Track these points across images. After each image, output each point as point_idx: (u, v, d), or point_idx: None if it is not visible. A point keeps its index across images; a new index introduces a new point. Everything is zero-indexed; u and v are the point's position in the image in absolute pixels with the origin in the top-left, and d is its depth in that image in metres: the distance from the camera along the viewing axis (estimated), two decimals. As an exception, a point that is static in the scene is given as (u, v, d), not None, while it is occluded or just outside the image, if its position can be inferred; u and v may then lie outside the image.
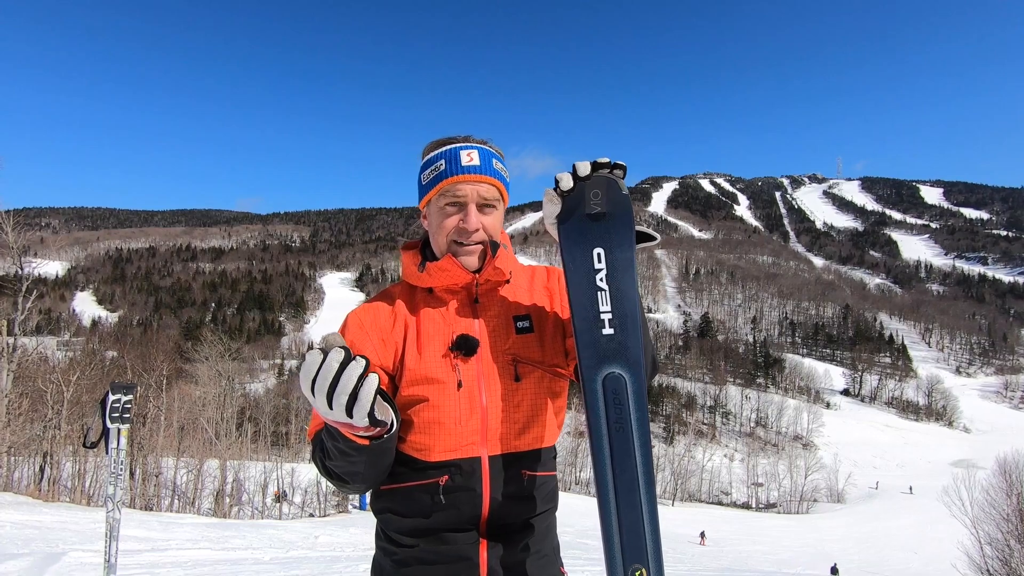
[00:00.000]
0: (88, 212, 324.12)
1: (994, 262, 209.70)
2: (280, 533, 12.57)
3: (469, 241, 1.27)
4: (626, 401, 1.12)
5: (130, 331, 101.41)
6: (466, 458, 1.21)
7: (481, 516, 1.21)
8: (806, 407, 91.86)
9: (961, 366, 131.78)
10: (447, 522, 1.20)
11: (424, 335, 1.27)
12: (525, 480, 1.24)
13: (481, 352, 1.25)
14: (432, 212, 1.30)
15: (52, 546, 7.20)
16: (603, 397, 1.13)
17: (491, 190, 1.28)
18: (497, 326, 1.30)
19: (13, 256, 15.50)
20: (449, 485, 1.20)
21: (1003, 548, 16.49)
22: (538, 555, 1.26)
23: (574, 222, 1.18)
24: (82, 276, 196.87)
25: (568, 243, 1.18)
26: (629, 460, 1.11)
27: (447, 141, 1.30)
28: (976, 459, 65.07)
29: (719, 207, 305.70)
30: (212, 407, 26.81)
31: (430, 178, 1.29)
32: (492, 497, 1.21)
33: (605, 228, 1.17)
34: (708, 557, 19.63)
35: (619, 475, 1.10)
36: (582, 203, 1.18)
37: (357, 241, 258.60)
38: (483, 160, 1.27)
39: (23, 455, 16.25)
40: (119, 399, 3.91)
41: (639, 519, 1.09)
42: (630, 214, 1.18)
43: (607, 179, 1.18)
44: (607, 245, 1.16)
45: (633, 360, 1.14)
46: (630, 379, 1.13)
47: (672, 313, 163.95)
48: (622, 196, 1.18)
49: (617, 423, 1.12)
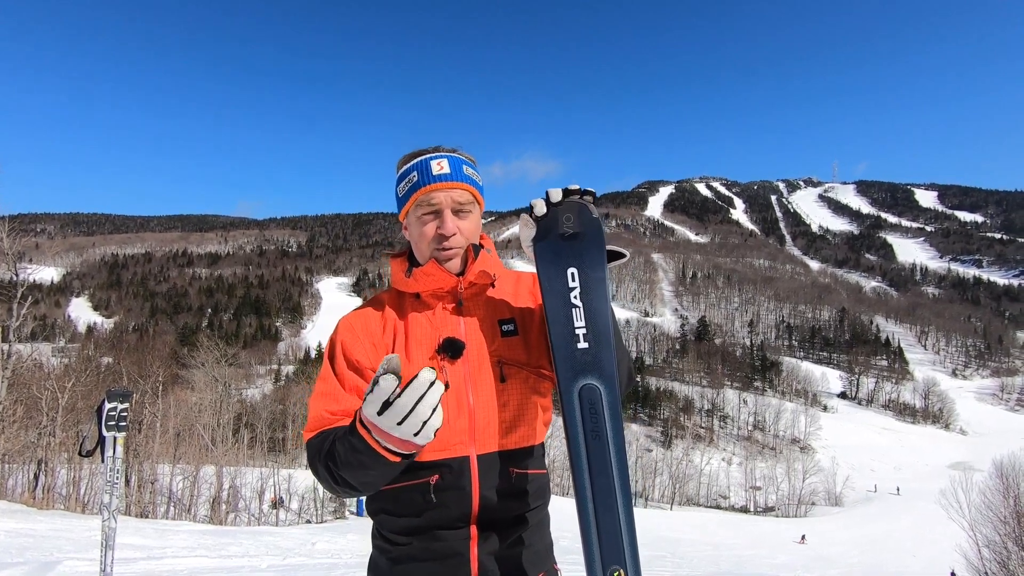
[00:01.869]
0: (84, 218, 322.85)
1: (989, 265, 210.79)
2: (277, 540, 12.51)
3: (448, 246, 1.32)
4: (601, 411, 1.19)
5: (126, 337, 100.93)
6: (455, 457, 1.25)
7: (472, 513, 1.25)
8: (803, 410, 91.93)
9: (957, 369, 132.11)
10: (439, 520, 1.24)
11: (412, 339, 1.32)
12: (514, 477, 1.28)
13: (467, 354, 1.29)
14: (411, 222, 1.36)
15: (47, 555, 7.14)
16: (580, 407, 1.20)
17: (464, 194, 1.33)
18: (483, 328, 1.34)
19: (8, 262, 15.42)
20: (439, 484, 1.24)
21: (1001, 550, 16.49)
22: (530, 549, 1.30)
23: (549, 244, 1.25)
24: (77, 282, 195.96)
25: (544, 263, 1.25)
26: (605, 466, 1.17)
27: (418, 153, 1.36)
28: (973, 461, 65.24)
29: (715, 211, 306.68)
30: (208, 413, 26.69)
31: (405, 190, 1.35)
32: (482, 495, 1.25)
33: (578, 249, 1.24)
34: (706, 561, 19.58)
35: (596, 480, 1.17)
36: (556, 226, 1.25)
37: (354, 246, 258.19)
38: (453, 167, 1.33)
39: (18, 462, 16.10)
40: (115, 406, 3.88)
41: (616, 522, 1.15)
42: (601, 236, 1.24)
43: (578, 204, 1.25)
44: (580, 265, 1.23)
45: (607, 373, 1.21)
46: (605, 390, 1.20)
47: (669, 317, 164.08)
48: (593, 219, 1.25)
49: (594, 431, 1.19)
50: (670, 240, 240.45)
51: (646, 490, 66.05)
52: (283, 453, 51.66)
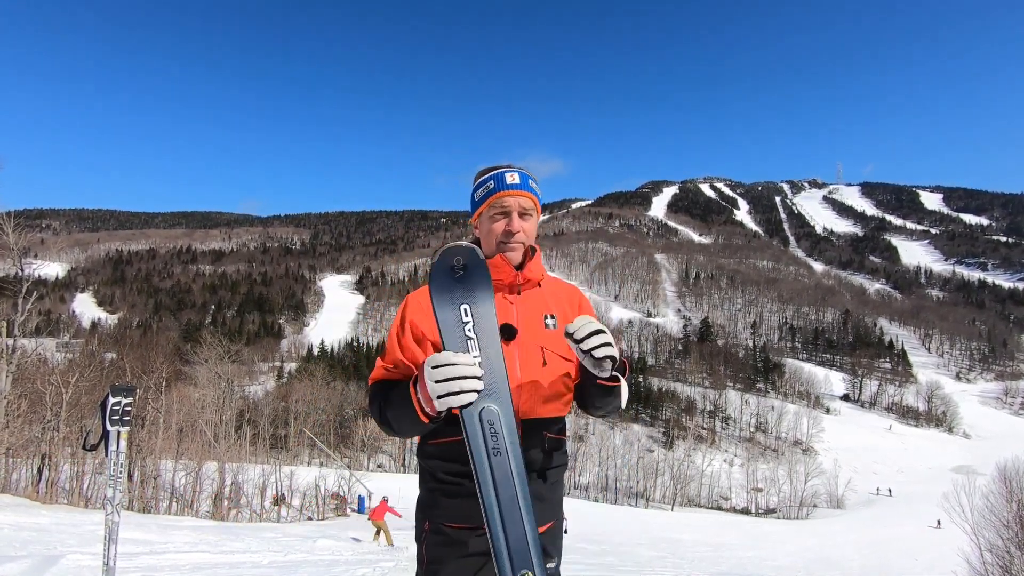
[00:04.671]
0: (88, 214, 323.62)
1: (994, 268, 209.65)
2: (279, 536, 12.54)
3: (513, 241, 1.66)
4: (501, 430, 1.34)
5: (130, 333, 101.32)
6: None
7: None
8: (806, 412, 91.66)
9: (961, 372, 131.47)
10: None
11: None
12: (546, 440, 1.63)
13: (519, 338, 1.61)
14: (483, 222, 1.71)
15: (50, 549, 7.17)
16: (481, 428, 1.33)
17: (528, 201, 1.68)
18: (531, 319, 1.66)
19: (13, 257, 15.48)
20: None
21: (1004, 555, 16.41)
22: (548, 501, 1.63)
23: (442, 284, 1.41)
24: (82, 278, 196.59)
25: (439, 302, 1.39)
26: (508, 480, 1.31)
27: (494, 168, 1.71)
28: (976, 465, 64.99)
29: (719, 212, 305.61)
30: (211, 409, 26.75)
31: (482, 195, 1.69)
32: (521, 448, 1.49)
33: (469, 287, 1.40)
34: (707, 562, 19.55)
35: (501, 494, 1.30)
36: (448, 269, 1.41)
37: (357, 244, 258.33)
38: (522, 179, 1.67)
39: (21, 457, 16.15)
40: (119, 401, 3.90)
41: (522, 531, 1.29)
42: (487, 275, 1.42)
43: (467, 247, 1.44)
44: (471, 301, 1.40)
45: (503, 396, 1.36)
46: (502, 412, 1.35)
47: (672, 317, 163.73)
48: (480, 260, 1.43)
49: (495, 449, 1.33)
50: (673, 240, 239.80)
51: (647, 490, 66.02)
52: (285, 450, 51.78)
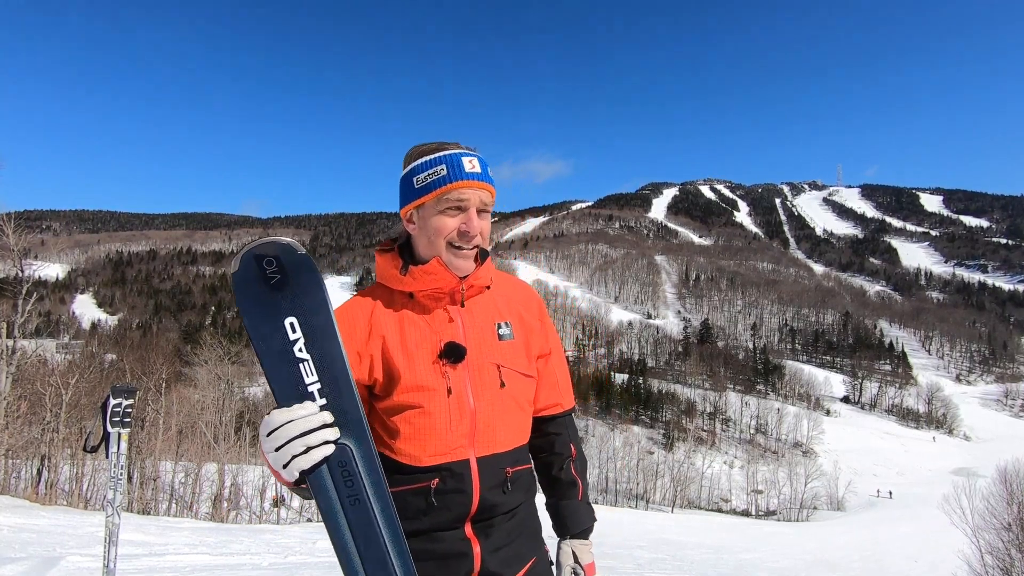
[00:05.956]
0: (89, 215, 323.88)
1: (994, 270, 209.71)
2: (278, 538, 12.52)
3: (469, 245, 1.28)
4: (356, 471, 1.00)
5: (130, 334, 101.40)
6: (456, 461, 1.25)
7: (470, 513, 1.26)
8: (806, 414, 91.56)
9: (961, 374, 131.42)
10: (439, 522, 1.25)
11: (411, 342, 1.28)
12: (509, 476, 1.30)
13: (468, 358, 1.28)
14: (426, 216, 1.29)
15: (50, 550, 7.17)
16: (330, 476, 0.99)
17: (488, 196, 1.30)
18: (482, 332, 1.32)
19: (13, 258, 15.48)
20: (440, 488, 1.24)
21: (1004, 557, 16.40)
22: (522, 540, 1.34)
23: (252, 298, 1.02)
24: (82, 279, 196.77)
25: (252, 322, 1.00)
26: (373, 532, 1.00)
27: (441, 146, 1.29)
28: (976, 467, 64.86)
29: (719, 213, 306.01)
30: (211, 411, 26.73)
31: (427, 182, 1.26)
32: (482, 495, 1.26)
33: (292, 295, 1.02)
34: (707, 564, 19.53)
35: (365, 552, 0.99)
36: (258, 276, 1.02)
37: (357, 245, 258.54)
38: (483, 167, 1.29)
39: (21, 458, 16.17)
40: (120, 403, 3.89)
41: None
42: (316, 274, 1.04)
43: (280, 243, 1.04)
44: (299, 312, 1.02)
45: (355, 422, 1.02)
46: (355, 444, 1.01)
47: (672, 319, 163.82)
48: (300, 257, 1.04)
49: (351, 497, 1.00)
50: (673, 242, 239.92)
51: (647, 492, 66.00)
52: (285, 451, 51.61)
